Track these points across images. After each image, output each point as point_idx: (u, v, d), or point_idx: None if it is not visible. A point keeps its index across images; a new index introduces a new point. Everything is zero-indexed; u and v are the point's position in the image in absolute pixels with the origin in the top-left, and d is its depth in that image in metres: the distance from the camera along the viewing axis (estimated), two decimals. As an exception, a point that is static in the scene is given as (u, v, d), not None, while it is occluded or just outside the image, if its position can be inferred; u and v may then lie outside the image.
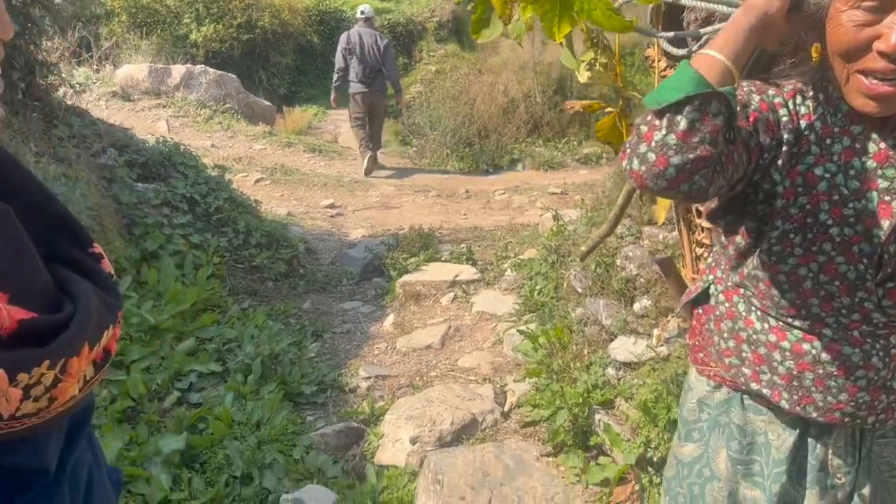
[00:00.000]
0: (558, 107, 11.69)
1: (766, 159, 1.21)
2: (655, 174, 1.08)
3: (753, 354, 1.37)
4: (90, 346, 0.81)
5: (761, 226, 1.27)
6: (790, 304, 1.28)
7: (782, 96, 1.24)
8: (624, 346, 2.92)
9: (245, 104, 10.49)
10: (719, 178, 1.12)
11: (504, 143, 10.43)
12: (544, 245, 4.78)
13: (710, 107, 1.06)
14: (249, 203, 5.67)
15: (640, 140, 1.11)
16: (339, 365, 4.09)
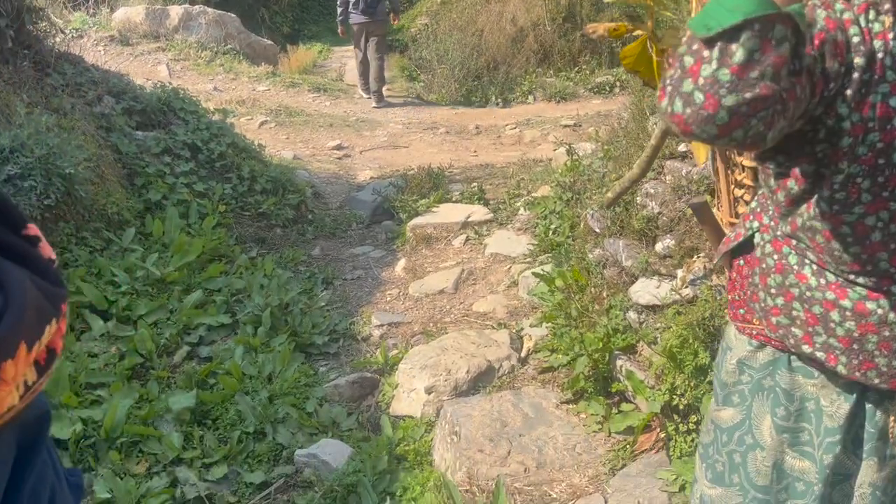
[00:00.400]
0: (568, 35, 11.32)
1: (832, 89, 1.02)
2: (703, 118, 0.91)
3: (807, 313, 1.21)
4: (28, 345, 0.68)
5: (820, 169, 1.10)
6: (854, 258, 1.12)
7: (852, 11, 1.03)
8: (646, 288, 2.78)
9: (247, 44, 10.19)
10: (780, 119, 0.94)
11: (514, 75, 10.14)
12: (558, 182, 4.61)
13: (774, 32, 0.88)
14: (253, 148, 5.51)
15: (684, 75, 0.93)
16: (351, 313, 3.99)
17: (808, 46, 0.97)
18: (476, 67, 10.19)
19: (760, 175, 1.32)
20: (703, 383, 2.47)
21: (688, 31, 0.98)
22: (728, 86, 0.89)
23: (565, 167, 4.80)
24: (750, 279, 1.36)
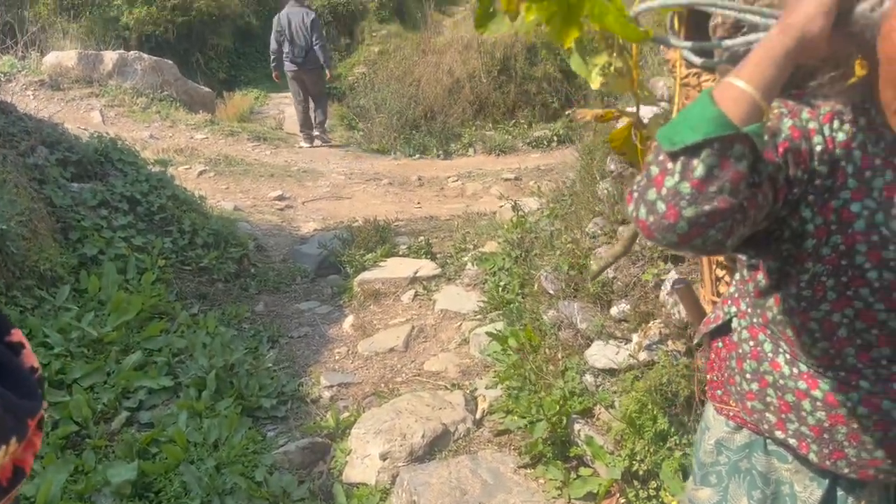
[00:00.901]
0: (503, 87, 11.63)
1: (796, 194, 1.06)
2: (665, 227, 0.95)
3: (780, 401, 1.24)
4: None
5: (786, 267, 1.13)
6: (823, 352, 1.15)
7: (818, 120, 1.08)
8: (602, 351, 2.80)
9: (184, 91, 10.03)
10: (740, 227, 0.98)
11: (451, 125, 10.32)
12: (506, 238, 4.65)
13: (732, 150, 0.92)
14: (194, 200, 5.38)
15: (649, 184, 0.97)
16: (299, 373, 3.89)
17: (770, 153, 1.02)
18: (413, 117, 10.32)
19: (737, 262, 1.35)
20: (662, 449, 2.48)
21: (655, 141, 1.00)
22: (688, 198, 0.92)
23: (511, 223, 4.85)
24: (727, 362, 1.38)
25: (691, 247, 0.97)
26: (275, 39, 8.80)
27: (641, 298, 2.70)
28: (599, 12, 1.21)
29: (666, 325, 2.59)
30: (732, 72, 1.00)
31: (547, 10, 1.27)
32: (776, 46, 0.97)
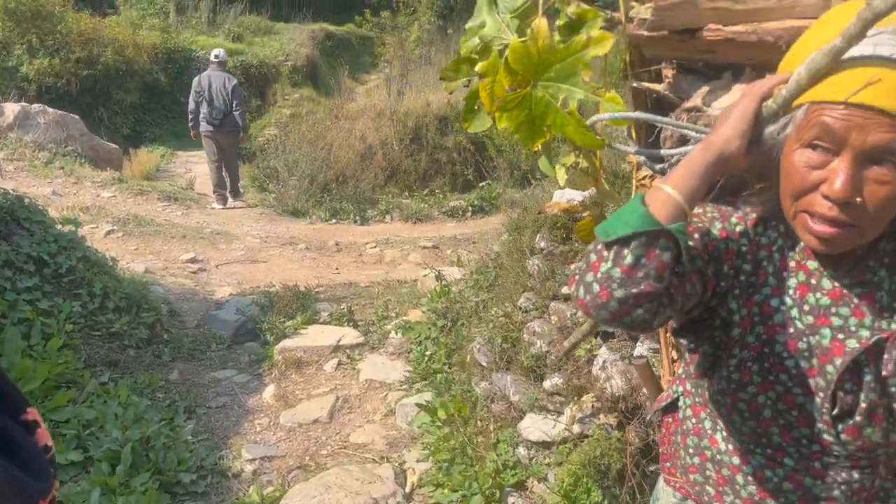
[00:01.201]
0: (415, 155, 11.90)
1: (724, 287, 1.20)
2: (598, 305, 1.07)
3: (717, 474, 1.34)
4: None
5: (717, 352, 1.25)
6: (751, 431, 1.26)
7: (745, 224, 1.23)
8: (535, 424, 2.86)
9: (90, 147, 9.70)
10: (666, 310, 1.10)
11: (362, 190, 10.43)
12: (430, 308, 4.70)
13: (658, 243, 1.05)
14: (106, 262, 5.17)
15: (587, 269, 1.09)
16: (219, 446, 3.75)
17: (699, 249, 1.16)
18: (325, 180, 10.37)
19: (679, 347, 1.46)
20: (597, 521, 2.54)
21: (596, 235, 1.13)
22: (619, 282, 1.05)
23: (435, 293, 4.92)
24: (674, 437, 1.48)
25: (621, 323, 1.09)
26: (193, 100, 8.93)
27: (574, 373, 2.79)
28: (561, 123, 1.35)
29: (599, 398, 2.68)
30: (663, 178, 1.14)
31: (516, 120, 1.39)
32: (698, 160, 1.12)
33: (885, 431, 1.13)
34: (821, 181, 1.05)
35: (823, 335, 1.14)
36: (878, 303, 1.12)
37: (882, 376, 1.10)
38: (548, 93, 1.39)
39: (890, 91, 0.97)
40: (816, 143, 1.05)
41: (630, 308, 1.05)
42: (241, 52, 16.18)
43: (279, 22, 18.59)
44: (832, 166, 1.04)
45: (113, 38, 13.82)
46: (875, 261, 1.14)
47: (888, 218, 1.06)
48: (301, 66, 16.87)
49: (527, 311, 3.18)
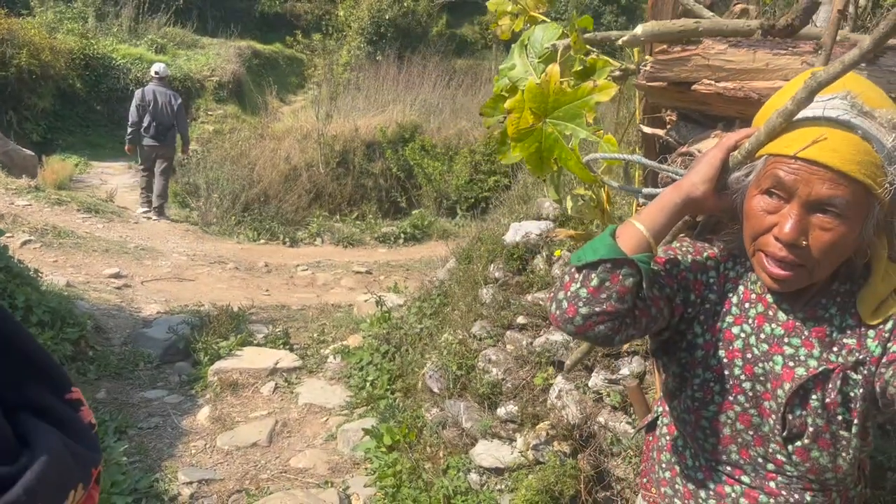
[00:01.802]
0: (341, 179, 11.90)
1: (691, 314, 1.33)
2: (566, 319, 1.21)
3: (684, 488, 1.45)
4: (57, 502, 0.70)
5: (684, 372, 1.38)
6: (713, 447, 1.38)
7: (716, 259, 1.37)
8: (488, 450, 2.92)
9: (3, 152, 9.24)
10: (629, 329, 1.23)
11: (285, 211, 10.34)
12: (370, 333, 4.71)
13: (622, 270, 1.18)
14: (28, 274, 4.94)
15: (560, 288, 1.23)
16: (153, 468, 3.63)
17: (670, 279, 1.30)
18: (247, 199, 10.23)
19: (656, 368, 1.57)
20: (550, 547, 2.61)
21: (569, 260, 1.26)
22: (584, 300, 1.19)
23: (375, 318, 4.93)
24: (651, 453, 1.59)
25: (585, 336, 1.23)
26: (136, 111, 8.92)
27: (530, 401, 2.87)
28: (565, 157, 1.48)
29: (554, 426, 2.77)
30: (634, 215, 1.27)
31: (527, 150, 1.51)
32: (667, 201, 1.26)
33: (832, 456, 1.25)
34: (774, 224, 1.18)
35: (776, 362, 1.26)
36: (827, 337, 1.25)
37: (826, 403, 1.22)
38: (556, 129, 1.51)
39: (834, 149, 1.11)
40: (771, 190, 1.18)
41: (593, 324, 1.19)
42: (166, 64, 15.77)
43: (205, 36, 18.24)
44: (783, 212, 1.17)
45: (28, 39, 13.22)
46: (828, 299, 1.27)
47: (834, 260, 1.19)
48: (226, 83, 16.55)
49: (481, 339, 3.25)
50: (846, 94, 1.15)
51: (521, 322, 3.11)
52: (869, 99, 1.16)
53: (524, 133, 1.51)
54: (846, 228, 1.14)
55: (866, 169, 1.11)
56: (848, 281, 1.28)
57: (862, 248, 1.22)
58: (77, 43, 14.82)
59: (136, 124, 8.93)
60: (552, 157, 1.51)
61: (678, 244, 1.40)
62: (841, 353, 1.24)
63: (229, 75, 16.72)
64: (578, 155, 1.50)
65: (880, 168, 1.12)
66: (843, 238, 1.15)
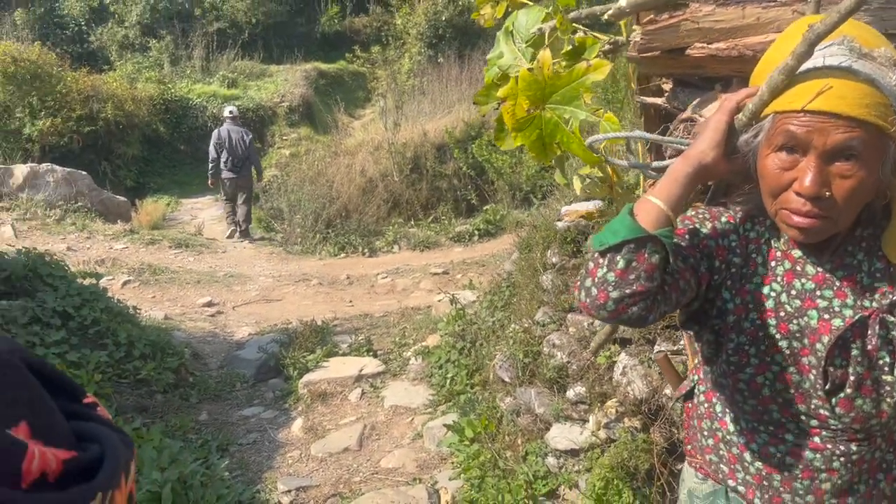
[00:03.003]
0: (415, 185, 12.06)
1: (717, 280, 1.33)
2: (598, 306, 1.20)
3: (728, 454, 1.45)
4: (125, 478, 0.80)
5: (718, 338, 1.38)
6: (752, 409, 1.37)
7: (735, 221, 1.36)
8: (562, 433, 2.96)
9: (99, 201, 9.90)
10: (661, 306, 1.23)
11: (366, 223, 10.58)
12: (447, 331, 4.81)
13: (646, 248, 1.18)
14: (127, 311, 5.31)
15: (586, 275, 1.23)
16: (254, 480, 3.85)
17: (691, 248, 1.29)
18: (329, 216, 10.54)
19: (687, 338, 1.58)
20: (630, 521, 2.63)
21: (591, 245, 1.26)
22: (613, 284, 1.18)
23: (451, 316, 5.02)
24: (692, 421, 1.59)
25: (619, 320, 1.22)
26: (215, 150, 9.91)
27: (596, 380, 2.89)
28: (567, 140, 1.50)
29: (622, 403, 2.78)
30: (649, 190, 1.27)
31: (529, 138, 1.53)
32: (679, 172, 1.25)
33: (875, 402, 1.24)
34: (793, 180, 1.18)
35: (811, 316, 1.26)
36: (858, 284, 1.24)
37: (867, 350, 1.21)
38: (555, 114, 1.53)
39: (840, 96, 1.10)
40: (785, 147, 1.17)
41: (626, 307, 1.18)
42: (238, 98, 16.43)
43: (272, 64, 18.85)
44: (801, 166, 1.16)
45: (111, 93, 14.07)
46: (853, 246, 1.26)
47: (857, 206, 1.19)
48: (297, 106, 17.08)
49: (544, 325, 3.29)
50: (843, 39, 1.15)
51: (580, 304, 3.13)
52: (866, 41, 1.16)
53: (523, 122, 1.55)
54: (865, 172, 1.14)
55: (875, 110, 1.11)
56: (870, 225, 1.27)
57: (881, 190, 1.22)
58: (156, 89, 15.66)
59: (216, 160, 9.90)
60: (554, 142, 1.55)
61: (693, 212, 1.40)
62: (874, 298, 1.24)
63: (298, 99, 17.25)
64: (580, 137, 1.53)
65: (889, 107, 1.12)
66: (863, 182, 1.15)
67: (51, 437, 0.76)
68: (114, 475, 0.77)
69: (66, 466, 0.73)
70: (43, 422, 0.77)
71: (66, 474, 0.73)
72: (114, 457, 0.78)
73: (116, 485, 0.77)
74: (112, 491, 0.76)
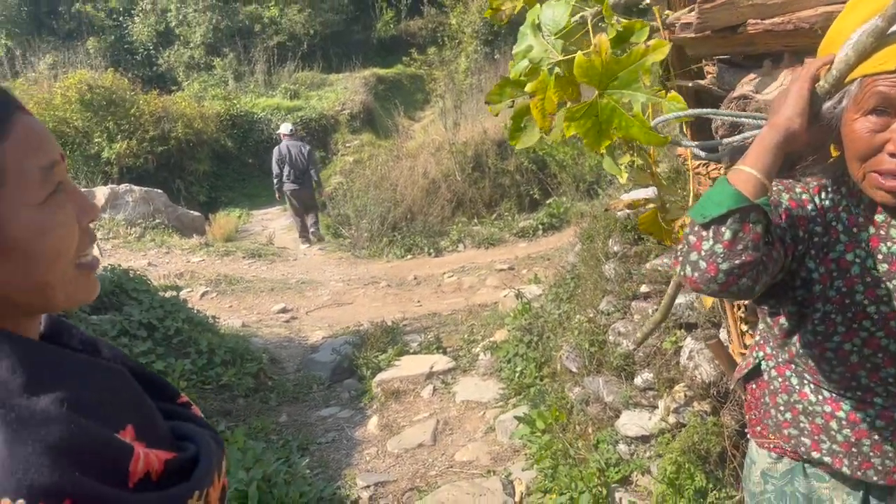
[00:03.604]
0: (478, 183, 12.09)
1: (801, 251, 1.33)
2: (708, 279, 1.20)
3: (811, 425, 1.45)
4: (217, 476, 0.88)
5: (802, 309, 1.38)
6: (840, 377, 1.37)
7: (808, 192, 1.37)
8: (632, 420, 2.97)
9: (175, 217, 10.34)
10: (763, 276, 1.23)
11: (430, 224, 10.69)
12: (514, 326, 4.85)
13: (750, 217, 1.19)
14: (207, 321, 5.54)
15: (689, 249, 1.23)
16: (334, 477, 3.98)
17: (775, 220, 1.29)
18: (394, 219, 10.68)
19: (759, 313, 1.59)
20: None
21: (689, 218, 1.27)
22: (722, 256, 1.18)
23: (517, 311, 5.06)
24: (762, 399, 1.59)
25: (729, 293, 1.22)
26: (277, 165, 10.42)
27: (663, 366, 2.89)
28: (626, 125, 1.50)
29: (690, 387, 2.78)
30: (739, 161, 1.28)
31: (584, 127, 1.55)
32: (768, 140, 1.26)
33: None
34: (884, 142, 1.19)
35: None
36: None
37: None
38: (612, 99, 1.54)
39: None
40: (875, 109, 1.18)
41: (736, 278, 1.19)
42: (300, 108, 16.82)
43: (331, 73, 19.20)
44: (893, 127, 1.17)
45: (181, 112, 14.62)
46: None
47: None
48: (358, 113, 17.34)
49: (609, 314, 3.30)
50: None
51: (644, 291, 3.13)
52: None
53: (578, 111, 1.56)
54: None
55: None
56: None
57: None
58: (222, 105, 16.17)
59: (279, 175, 10.39)
60: (611, 129, 1.56)
61: None
62: None
63: (359, 105, 17.52)
64: (643, 120, 1.53)
65: None
66: None
67: (153, 439, 0.84)
68: (208, 473, 0.85)
69: (167, 466, 0.82)
70: (146, 424, 0.86)
71: (168, 474, 0.81)
72: (208, 456, 0.87)
73: (210, 482, 0.85)
74: (207, 488, 0.84)
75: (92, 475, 0.73)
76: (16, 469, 0.69)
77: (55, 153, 0.82)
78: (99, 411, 0.79)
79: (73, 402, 0.76)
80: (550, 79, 1.60)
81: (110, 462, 0.76)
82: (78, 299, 0.85)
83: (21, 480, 0.69)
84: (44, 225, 0.78)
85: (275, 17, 19.74)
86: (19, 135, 0.79)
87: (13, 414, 0.72)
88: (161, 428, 0.89)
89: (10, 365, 0.75)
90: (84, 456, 0.73)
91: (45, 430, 0.72)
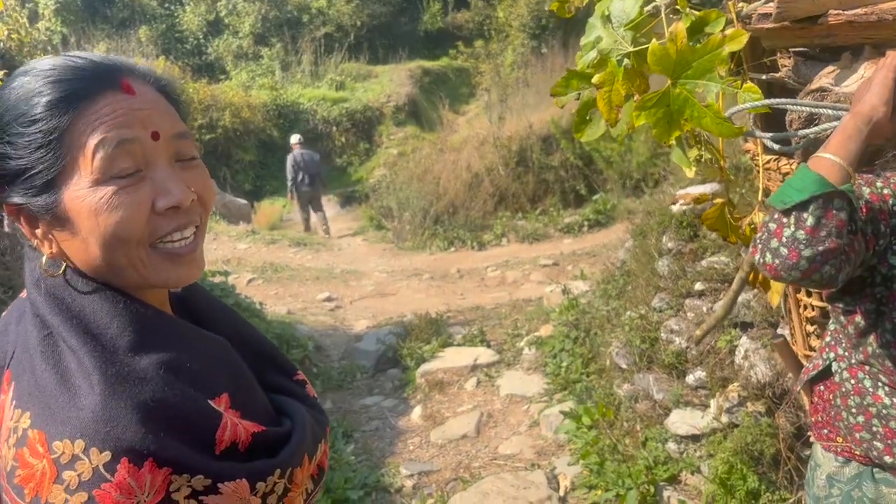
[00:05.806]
0: (521, 178, 12.03)
1: (882, 245, 1.30)
2: (789, 266, 1.18)
3: (885, 429, 1.41)
4: (308, 458, 0.88)
5: (880, 307, 1.34)
6: None
7: (889, 187, 1.33)
8: (683, 419, 2.94)
9: (222, 204, 10.51)
10: (846, 266, 1.20)
11: (472, 218, 10.67)
12: (561, 321, 4.83)
13: (833, 203, 1.16)
14: (254, 306, 5.63)
15: (770, 236, 1.20)
16: (378, 465, 4.01)
17: (859, 213, 1.26)
18: (437, 212, 10.70)
19: (831, 313, 1.55)
20: (757, 507, 2.59)
21: (769, 206, 1.23)
22: (805, 242, 1.16)
23: (563, 306, 5.04)
24: (832, 402, 1.55)
25: (811, 281, 1.20)
26: (293, 170, 11.39)
27: (717, 365, 2.85)
28: (698, 115, 1.46)
29: (744, 387, 2.73)
30: (818, 150, 1.26)
31: (654, 117, 1.52)
32: (852, 128, 1.23)
33: None
34: None
35: None
36: None
37: None
38: (685, 89, 1.51)
39: None
40: None
41: (819, 265, 1.17)
42: (346, 100, 16.93)
43: (377, 65, 19.27)
44: None
45: (228, 101, 14.83)
46: None
47: None
48: (403, 105, 17.38)
49: (661, 311, 3.26)
50: None
51: (698, 289, 3.09)
52: None
53: (650, 100, 1.54)
54: None
55: None
56: None
57: None
58: (269, 95, 16.35)
59: (294, 178, 11.36)
60: (682, 119, 1.53)
61: None
62: None
63: (404, 98, 17.56)
64: (716, 109, 1.50)
65: None
66: None
67: (248, 410, 0.86)
68: (295, 454, 0.86)
69: (255, 439, 0.82)
70: (242, 395, 0.87)
71: (255, 447, 0.82)
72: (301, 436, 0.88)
73: (298, 463, 0.85)
74: (293, 469, 0.85)
75: (178, 438, 0.75)
76: (107, 422, 0.72)
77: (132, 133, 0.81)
78: (196, 377, 0.81)
79: (172, 366, 0.79)
80: (619, 70, 1.58)
81: (198, 427, 0.78)
82: (159, 282, 0.84)
83: (109, 433, 0.72)
84: (97, 206, 0.78)
85: (322, 8, 19.87)
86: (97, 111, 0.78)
87: (114, 369, 0.75)
88: (259, 401, 0.90)
89: (121, 324, 0.79)
90: (173, 418, 0.76)
91: (139, 389, 0.75)
